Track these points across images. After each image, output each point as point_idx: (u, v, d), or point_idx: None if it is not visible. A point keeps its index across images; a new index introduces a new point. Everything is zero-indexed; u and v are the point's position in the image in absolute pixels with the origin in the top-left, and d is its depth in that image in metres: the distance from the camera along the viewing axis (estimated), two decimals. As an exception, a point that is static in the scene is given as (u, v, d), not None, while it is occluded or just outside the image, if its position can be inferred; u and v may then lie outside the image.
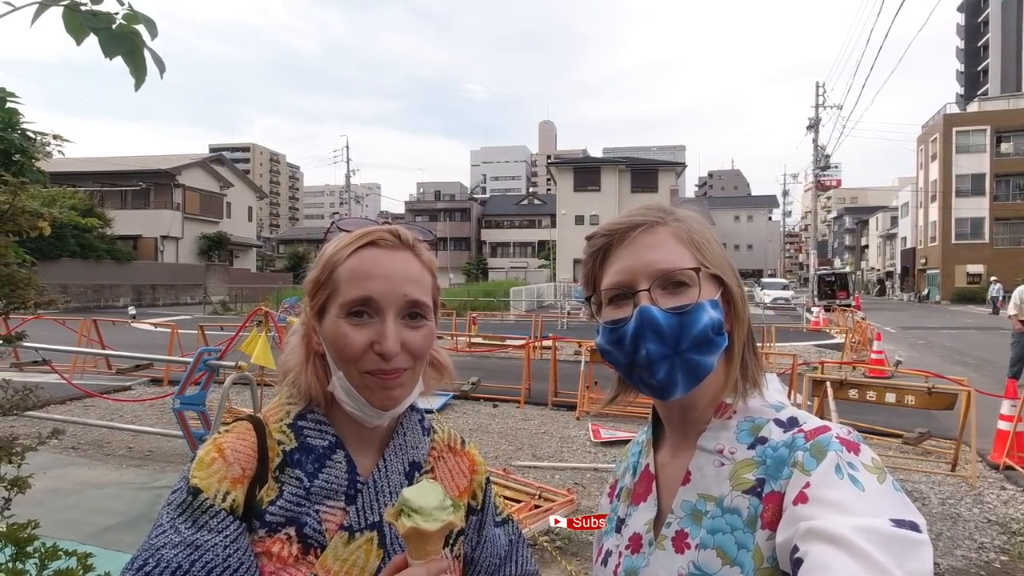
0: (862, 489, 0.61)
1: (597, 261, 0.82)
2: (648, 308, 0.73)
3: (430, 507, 0.68)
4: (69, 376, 8.56)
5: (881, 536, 0.56)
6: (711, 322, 0.73)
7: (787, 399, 0.81)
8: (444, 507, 0.69)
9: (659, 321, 0.72)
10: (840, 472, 0.63)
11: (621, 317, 0.76)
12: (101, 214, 30.08)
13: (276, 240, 77.99)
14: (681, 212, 0.81)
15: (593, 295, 0.83)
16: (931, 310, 35.36)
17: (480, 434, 6.68)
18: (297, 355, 0.83)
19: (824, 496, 0.61)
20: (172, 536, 0.70)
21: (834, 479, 0.62)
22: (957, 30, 70.02)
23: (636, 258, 0.76)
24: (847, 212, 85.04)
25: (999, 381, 8.70)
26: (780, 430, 0.72)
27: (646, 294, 0.74)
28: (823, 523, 0.58)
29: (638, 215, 0.80)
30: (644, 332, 0.73)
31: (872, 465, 0.64)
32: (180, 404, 5.05)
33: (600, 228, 0.82)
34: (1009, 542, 4.16)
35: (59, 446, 5.95)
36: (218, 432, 0.82)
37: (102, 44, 1.21)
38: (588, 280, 0.84)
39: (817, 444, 0.66)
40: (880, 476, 0.63)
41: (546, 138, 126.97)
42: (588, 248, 0.83)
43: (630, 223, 0.79)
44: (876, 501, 0.60)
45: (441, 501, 0.70)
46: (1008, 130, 43.58)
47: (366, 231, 0.82)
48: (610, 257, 0.80)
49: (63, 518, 4.12)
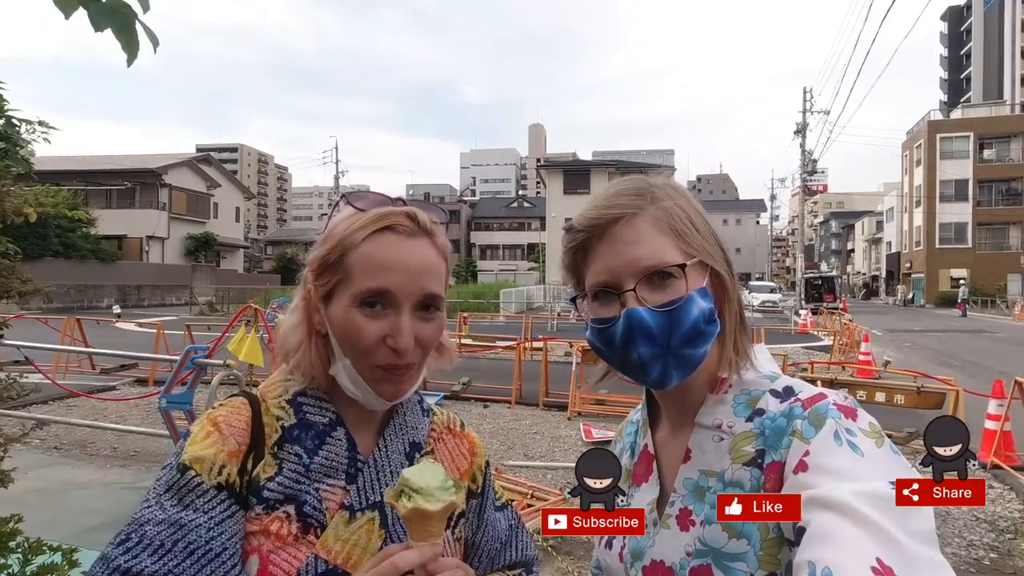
0: (861, 454, 0.61)
1: (578, 256, 0.79)
2: (636, 311, 0.71)
3: (432, 487, 0.66)
4: (52, 375, 8.40)
5: (882, 499, 0.56)
6: (701, 313, 0.72)
7: (778, 368, 0.80)
8: (446, 487, 0.67)
9: (648, 322, 0.71)
10: (839, 439, 0.63)
11: (608, 316, 0.75)
12: (85, 213, 29.65)
13: (264, 241, 77.37)
14: (660, 191, 0.77)
15: (577, 291, 0.81)
16: (916, 313, 35.84)
17: (471, 434, 6.65)
18: (298, 334, 0.80)
19: (824, 463, 0.61)
20: (157, 512, 0.68)
21: (833, 446, 0.62)
22: (941, 38, 71.17)
23: (618, 256, 0.74)
24: (833, 216, 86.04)
25: (984, 382, 8.80)
26: (777, 400, 0.72)
27: (632, 294, 0.72)
28: (824, 491, 0.58)
29: (616, 204, 0.76)
30: (633, 335, 0.71)
31: (870, 430, 0.64)
32: (166, 403, 4.96)
33: (578, 220, 0.79)
34: (998, 539, 4.20)
35: (42, 446, 5.86)
36: (212, 408, 0.79)
37: (91, 16, 1.17)
38: (570, 273, 0.82)
39: (815, 412, 0.66)
40: (878, 440, 0.63)
41: (536, 141, 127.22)
42: (567, 241, 0.80)
43: (609, 216, 0.75)
44: (875, 465, 0.60)
45: (443, 481, 0.67)
46: (990, 137, 44.40)
47: (382, 212, 0.77)
48: (591, 253, 0.77)
49: (46, 518, 4.02)
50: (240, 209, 48.81)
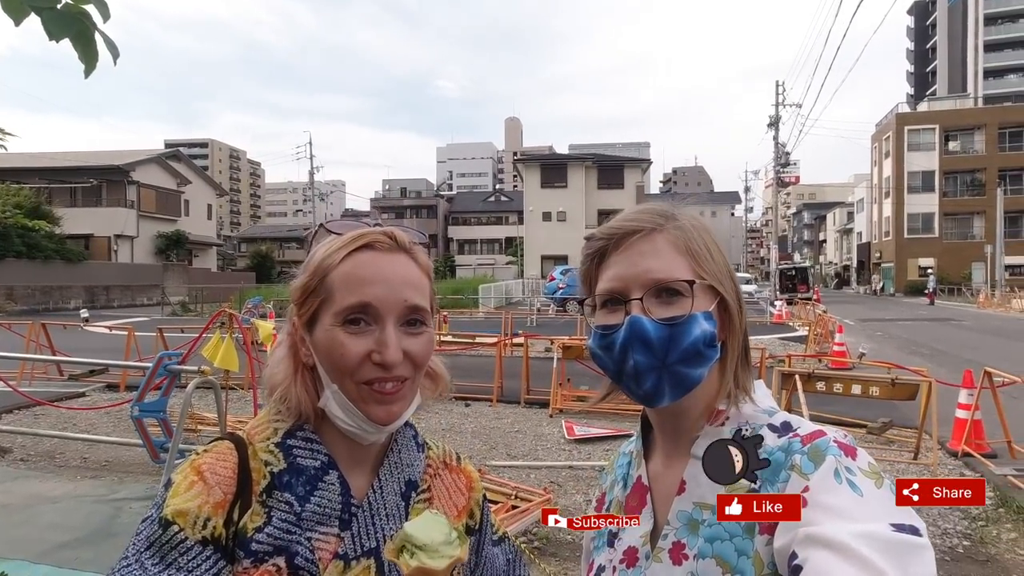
0: (860, 494, 0.61)
1: (594, 264, 0.80)
2: (639, 318, 0.72)
3: (436, 543, 0.62)
4: (15, 383, 8.11)
5: (882, 542, 0.55)
6: (702, 335, 0.72)
7: (776, 404, 0.80)
8: (450, 542, 0.63)
9: (648, 332, 0.71)
10: (839, 477, 0.62)
11: (613, 323, 0.75)
12: (49, 212, 28.77)
13: (237, 238, 76.01)
14: (683, 219, 0.79)
15: (588, 297, 0.82)
16: (886, 302, 36.75)
17: (453, 434, 6.60)
18: (284, 368, 0.77)
19: (823, 501, 0.61)
20: (137, 572, 0.64)
21: (832, 484, 0.62)
22: (907, 32, 72.85)
23: (631, 265, 0.75)
24: (806, 208, 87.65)
25: (953, 370, 9.06)
26: (774, 435, 0.72)
27: (638, 303, 0.73)
28: (822, 529, 0.58)
29: (637, 219, 0.78)
30: (633, 342, 0.72)
31: (869, 470, 0.64)
32: (139, 411, 4.82)
33: (599, 230, 0.81)
34: (971, 527, 4.30)
35: (7, 459, 5.65)
36: (196, 453, 0.74)
37: (46, 24, 1.09)
38: (585, 282, 0.83)
39: (815, 448, 0.66)
40: (878, 481, 0.63)
41: (512, 135, 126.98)
42: (585, 250, 0.82)
43: (629, 228, 0.77)
44: (875, 506, 0.60)
45: (447, 535, 0.64)
46: (955, 129, 45.65)
47: (360, 233, 0.76)
48: (606, 261, 0.78)
49: (13, 535, 3.87)
50: (212, 206, 47.85)
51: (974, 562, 3.84)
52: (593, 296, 0.80)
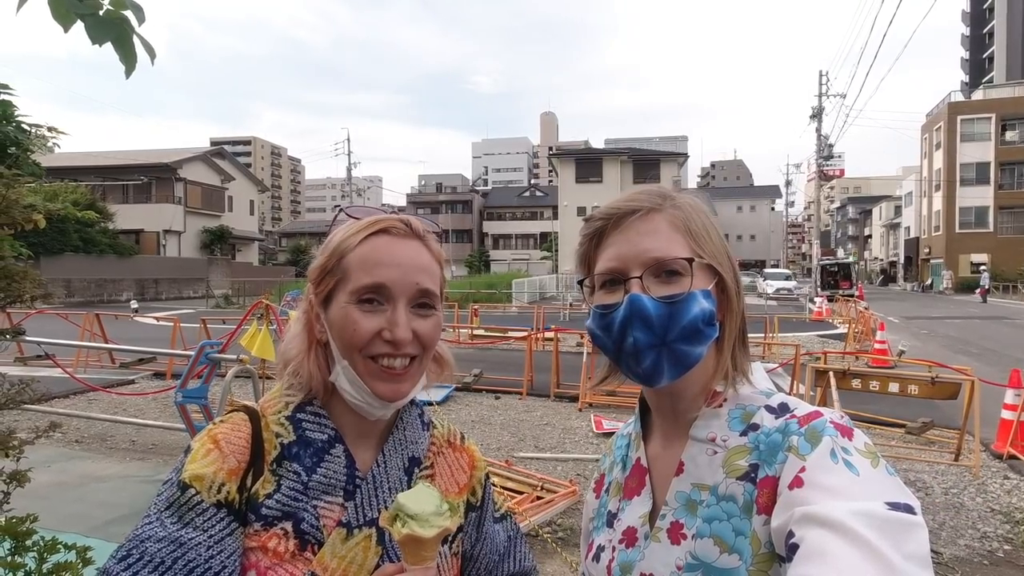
0: (857, 473, 0.61)
1: (592, 244, 0.81)
2: (638, 296, 0.72)
3: (427, 513, 0.67)
4: (72, 370, 8.58)
5: (877, 519, 0.56)
6: (701, 313, 0.73)
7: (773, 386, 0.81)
8: (440, 512, 0.68)
9: (648, 310, 0.72)
10: (835, 457, 0.63)
11: (612, 302, 0.76)
12: (103, 208, 30.03)
13: (278, 233, 77.98)
14: (681, 199, 0.79)
15: (586, 278, 0.82)
16: (935, 299, 35.25)
17: (482, 426, 6.69)
18: (298, 344, 0.82)
19: (819, 480, 0.62)
20: (157, 529, 0.69)
21: (829, 463, 0.63)
22: (962, 17, 69.34)
23: (630, 245, 0.76)
24: (850, 202, 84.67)
25: (1003, 370, 8.66)
26: (772, 416, 0.73)
27: (637, 282, 0.74)
28: (819, 508, 0.58)
29: (636, 200, 0.78)
30: (632, 320, 0.72)
31: (865, 450, 0.64)
32: (182, 397, 5.04)
33: (597, 211, 0.81)
34: (1012, 531, 4.15)
35: (63, 440, 5.99)
36: (213, 423, 0.80)
37: (89, 30, 1.19)
38: (583, 262, 0.83)
39: (812, 429, 0.67)
40: (873, 460, 0.63)
41: (548, 129, 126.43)
42: (584, 230, 0.83)
43: (627, 208, 0.78)
44: (871, 485, 0.60)
45: (437, 506, 0.68)
46: (1013, 118, 43.25)
47: (377, 219, 0.81)
48: (605, 241, 0.79)
49: (67, 512, 4.13)
50: (254, 202, 49.12)
51: (1015, 567, 3.71)
52: (592, 276, 0.81)
